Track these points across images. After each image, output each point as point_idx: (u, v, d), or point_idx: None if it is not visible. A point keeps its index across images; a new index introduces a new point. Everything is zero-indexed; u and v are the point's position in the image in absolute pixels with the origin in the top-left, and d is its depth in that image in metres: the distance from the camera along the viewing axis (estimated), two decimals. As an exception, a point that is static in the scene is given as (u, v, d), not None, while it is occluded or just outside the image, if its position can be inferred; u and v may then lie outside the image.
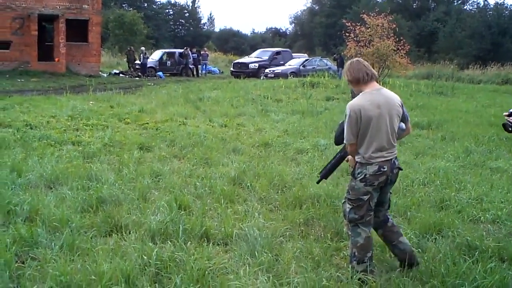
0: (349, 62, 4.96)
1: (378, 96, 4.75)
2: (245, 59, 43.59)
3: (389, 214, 5.16)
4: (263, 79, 36.19)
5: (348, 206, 4.84)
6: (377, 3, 70.38)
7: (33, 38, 31.38)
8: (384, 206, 5.04)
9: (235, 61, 44.08)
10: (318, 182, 5.68)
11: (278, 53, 43.32)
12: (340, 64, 37.00)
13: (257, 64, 39.96)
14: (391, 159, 4.74)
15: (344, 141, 4.80)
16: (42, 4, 31.88)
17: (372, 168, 4.68)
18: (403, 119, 4.91)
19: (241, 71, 39.54)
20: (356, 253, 4.80)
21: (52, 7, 32.11)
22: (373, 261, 4.91)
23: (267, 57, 41.44)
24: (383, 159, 4.70)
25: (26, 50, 31.33)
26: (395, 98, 4.85)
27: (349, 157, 4.97)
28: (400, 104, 4.82)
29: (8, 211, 6.15)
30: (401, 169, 5.09)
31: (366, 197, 4.74)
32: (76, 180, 7.64)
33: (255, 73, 39.03)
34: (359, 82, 4.79)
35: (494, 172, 9.49)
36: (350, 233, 4.88)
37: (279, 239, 5.76)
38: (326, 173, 5.26)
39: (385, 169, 4.71)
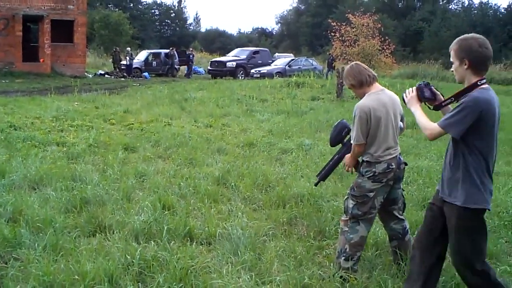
0: (348, 67, 5.05)
1: (384, 96, 4.88)
2: (222, 58, 43.38)
3: (407, 226, 5.21)
4: (241, 78, 36.31)
5: (351, 202, 4.87)
6: (363, 3, 70.68)
7: (17, 38, 31.28)
8: (397, 203, 5.12)
9: (213, 60, 43.56)
10: (316, 185, 5.72)
11: (256, 52, 43.12)
12: (329, 65, 37.13)
13: (234, 63, 39.68)
14: (396, 156, 4.86)
15: (353, 142, 4.82)
16: (27, 4, 31.76)
17: (381, 166, 4.77)
18: (402, 118, 5.07)
19: (219, 70, 39.44)
20: (347, 249, 4.85)
21: (37, 7, 31.99)
22: (359, 260, 4.96)
23: (245, 56, 41.16)
24: (390, 157, 4.81)
25: (11, 50, 31.21)
26: (396, 97, 5.00)
27: (347, 157, 5.00)
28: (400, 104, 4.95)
29: (-9, 212, 6.15)
30: (406, 164, 5.23)
31: (371, 194, 4.80)
32: (60, 180, 7.63)
33: (232, 72, 38.88)
34: (362, 84, 4.89)
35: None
36: (346, 229, 4.91)
37: (262, 238, 5.79)
38: (324, 175, 5.29)
39: (393, 166, 4.82)
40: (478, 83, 3.88)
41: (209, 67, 41.56)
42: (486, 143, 3.85)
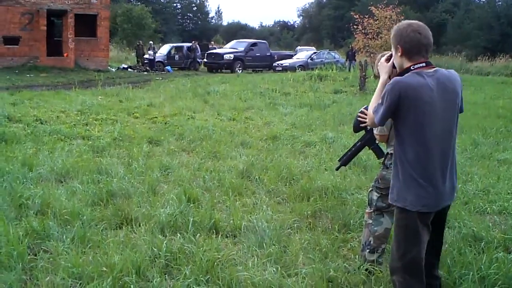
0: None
1: None
2: (219, 50, 41.86)
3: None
4: (239, 72, 36.11)
5: (375, 195, 4.85)
6: (386, -5, 70.21)
7: (42, 33, 31.55)
8: None
9: (209, 52, 41.42)
10: (337, 169, 5.61)
11: (254, 44, 41.59)
12: (351, 57, 36.97)
13: (232, 55, 38.27)
14: None
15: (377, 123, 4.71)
16: (50, -1, 32.01)
17: None
18: None
19: (215, 63, 38.23)
20: (371, 242, 4.84)
21: (61, 2, 32.23)
22: (384, 253, 4.95)
23: (243, 48, 39.67)
24: None
25: (35, 45, 31.50)
26: None
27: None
28: None
29: (20, 204, 6.23)
30: None
31: None
32: (86, 174, 7.72)
33: (230, 65, 37.68)
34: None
35: (501, 164, 9.51)
36: (370, 221, 4.88)
37: (287, 231, 5.81)
38: (346, 160, 5.20)
39: None
40: (411, 68, 3.60)
41: (205, 59, 39.98)
42: (416, 133, 3.53)
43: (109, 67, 35.18)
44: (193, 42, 43.09)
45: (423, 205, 3.57)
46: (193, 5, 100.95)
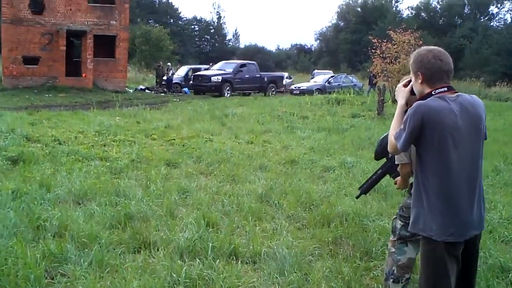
0: None
1: None
2: (206, 72, 38.77)
3: None
4: (227, 95, 34.52)
5: (399, 223, 4.73)
6: (403, 19, 70.20)
7: (61, 53, 31.84)
8: None
9: (196, 74, 38.48)
10: (357, 197, 5.50)
11: (243, 65, 38.84)
12: (370, 82, 36.80)
13: (220, 77, 35.57)
14: None
15: (397, 161, 4.65)
16: (70, 20, 32.37)
17: None
18: None
19: (203, 85, 35.76)
20: (395, 271, 4.71)
21: (81, 23, 32.55)
22: (409, 283, 4.81)
23: (231, 70, 37.20)
24: None
25: (54, 65, 31.79)
26: None
27: (398, 178, 4.76)
28: None
29: (38, 226, 6.18)
30: None
31: None
32: (104, 196, 7.67)
33: (218, 88, 35.13)
34: None
35: (525, 192, 9.33)
36: (393, 250, 4.76)
37: (308, 258, 5.70)
38: (366, 188, 5.09)
39: None
40: (433, 93, 3.50)
41: (191, 82, 37.61)
42: (440, 158, 3.42)
43: (126, 88, 35.35)
44: (211, 64, 43.17)
45: (450, 234, 3.44)
46: (211, 27, 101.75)
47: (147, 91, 36.89)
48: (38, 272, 4.78)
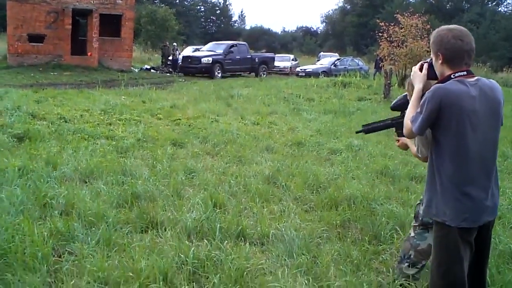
0: None
1: None
2: (196, 53, 37.58)
3: None
4: (218, 76, 33.71)
5: (422, 209, 4.67)
6: (410, 3, 69.79)
7: (66, 32, 31.64)
8: None
9: (185, 55, 37.57)
10: (357, 132, 5.30)
11: (233, 45, 37.80)
12: (377, 66, 36.66)
13: (211, 59, 34.42)
14: None
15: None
16: (76, -2, 32.18)
17: None
18: None
19: (192, 67, 34.58)
20: (411, 256, 4.64)
21: (86, 1, 32.34)
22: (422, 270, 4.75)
23: (222, 51, 36.02)
24: None
25: (60, 44, 31.62)
26: None
27: (402, 138, 4.58)
28: None
29: (44, 204, 6.14)
30: None
31: None
32: (111, 174, 7.63)
33: (208, 69, 34.06)
34: None
35: (533, 177, 9.28)
36: (413, 235, 4.69)
37: (316, 241, 5.65)
38: (370, 130, 4.89)
39: None
40: (452, 76, 3.44)
41: (180, 63, 36.40)
42: (457, 143, 3.37)
43: (132, 68, 35.21)
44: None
45: (463, 219, 3.39)
46: (217, 8, 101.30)
47: (152, 71, 36.70)
48: (45, 250, 4.74)
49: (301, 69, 38.83)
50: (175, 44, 40.73)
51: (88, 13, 32.72)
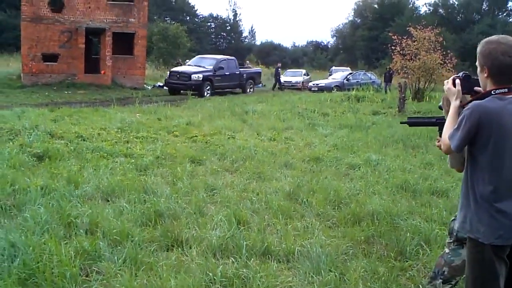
0: None
1: None
2: (185, 68, 35.13)
3: None
4: (207, 96, 31.07)
5: (458, 224, 4.62)
6: (421, 16, 69.77)
7: (80, 51, 31.98)
8: None
9: (173, 70, 35.23)
10: (402, 123, 5.22)
11: (222, 60, 35.84)
12: (388, 79, 36.66)
13: (201, 75, 32.28)
14: None
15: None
16: (89, 18, 32.51)
17: None
18: None
19: (181, 84, 32.08)
20: (445, 272, 4.58)
21: (99, 21, 32.67)
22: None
23: (212, 67, 33.96)
24: None
25: (73, 62, 31.94)
26: None
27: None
28: None
29: (69, 223, 6.16)
30: None
31: None
32: (132, 192, 7.63)
33: (198, 87, 31.68)
34: None
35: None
36: (447, 251, 4.66)
37: (341, 257, 5.62)
38: (414, 123, 4.83)
39: None
40: (492, 92, 3.36)
41: (167, 79, 34.15)
42: (494, 161, 3.32)
43: (145, 85, 35.42)
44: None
45: (498, 237, 3.35)
46: (227, 24, 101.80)
47: (165, 88, 36.86)
48: (73, 269, 4.75)
49: (314, 84, 38.90)
50: (187, 61, 40.93)
51: (101, 32, 33.03)
